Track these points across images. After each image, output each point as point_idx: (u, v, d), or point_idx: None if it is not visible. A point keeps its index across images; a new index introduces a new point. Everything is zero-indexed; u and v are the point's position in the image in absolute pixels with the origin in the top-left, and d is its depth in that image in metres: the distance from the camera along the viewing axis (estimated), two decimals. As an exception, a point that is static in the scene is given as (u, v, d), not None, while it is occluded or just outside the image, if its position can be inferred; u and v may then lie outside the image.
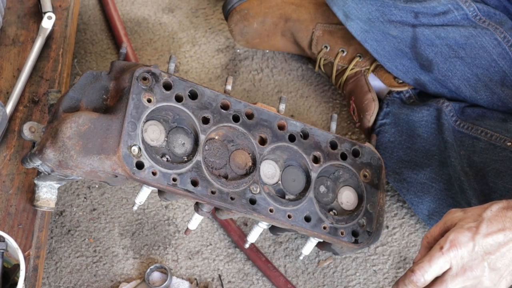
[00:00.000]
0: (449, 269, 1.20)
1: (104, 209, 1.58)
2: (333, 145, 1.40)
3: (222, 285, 1.52)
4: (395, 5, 1.52)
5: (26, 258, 1.34)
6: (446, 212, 1.27)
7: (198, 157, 1.29)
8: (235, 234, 1.55)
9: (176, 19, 1.85)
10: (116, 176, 1.25)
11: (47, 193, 1.35)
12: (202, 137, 1.30)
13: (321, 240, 1.42)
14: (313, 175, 1.37)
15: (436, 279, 1.21)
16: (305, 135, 1.38)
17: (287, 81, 1.76)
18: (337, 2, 1.56)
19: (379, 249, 1.58)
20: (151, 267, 1.51)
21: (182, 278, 1.52)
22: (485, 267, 1.19)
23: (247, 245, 1.43)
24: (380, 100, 1.62)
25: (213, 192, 1.29)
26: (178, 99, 1.29)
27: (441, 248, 1.19)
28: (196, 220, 1.36)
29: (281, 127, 1.36)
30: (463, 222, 1.21)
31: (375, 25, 1.55)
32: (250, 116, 1.34)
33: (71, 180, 1.31)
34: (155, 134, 1.28)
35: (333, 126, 1.43)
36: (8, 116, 1.42)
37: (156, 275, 1.51)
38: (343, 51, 1.65)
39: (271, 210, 1.32)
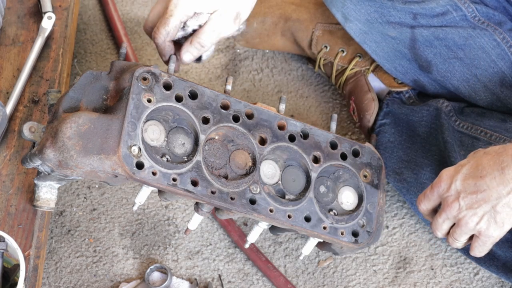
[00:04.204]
0: (440, 203, 1.30)
1: (104, 209, 1.58)
2: (333, 145, 1.40)
3: (222, 285, 1.52)
4: (394, 6, 1.52)
5: (26, 258, 1.34)
6: None
7: (198, 157, 1.29)
8: (235, 234, 1.55)
9: (176, 19, 1.84)
10: (116, 176, 1.25)
11: (47, 193, 1.35)
12: (202, 137, 1.30)
13: (321, 240, 1.42)
14: (313, 175, 1.37)
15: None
16: (305, 135, 1.38)
17: (287, 81, 1.76)
18: (336, 3, 1.56)
19: (379, 249, 1.58)
20: (151, 267, 1.51)
21: (182, 278, 1.52)
22: (460, 205, 1.26)
23: (247, 245, 1.43)
24: (380, 100, 1.62)
25: (213, 192, 1.29)
26: (178, 99, 1.29)
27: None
28: (196, 220, 1.36)
29: (281, 127, 1.36)
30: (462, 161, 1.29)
31: (373, 27, 1.55)
32: (250, 116, 1.34)
33: (71, 180, 1.31)
34: (155, 134, 1.28)
35: (333, 126, 1.43)
36: (8, 116, 1.42)
37: (156, 275, 1.51)
38: (343, 51, 1.66)
39: (271, 210, 1.32)
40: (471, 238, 1.31)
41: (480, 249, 1.30)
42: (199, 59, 1.44)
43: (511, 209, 1.23)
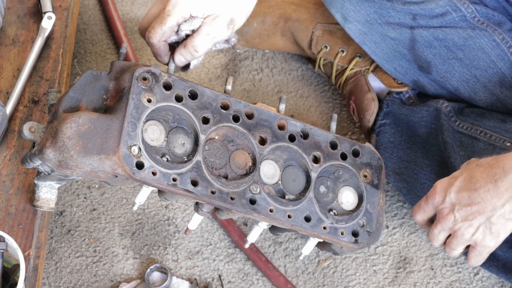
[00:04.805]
0: (435, 215, 1.32)
1: (104, 209, 1.58)
2: (333, 145, 1.40)
3: (222, 285, 1.52)
4: (393, 7, 1.52)
5: (26, 258, 1.34)
6: None
7: (198, 157, 1.29)
8: (235, 234, 1.55)
9: (176, 19, 1.84)
10: (116, 176, 1.25)
11: (47, 193, 1.35)
12: (202, 137, 1.30)
13: (321, 240, 1.42)
14: (313, 175, 1.37)
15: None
16: (305, 135, 1.38)
17: (287, 81, 1.76)
18: (335, 4, 1.56)
19: (379, 249, 1.58)
20: (151, 267, 1.51)
21: (182, 278, 1.52)
22: (455, 217, 1.27)
23: (247, 245, 1.43)
24: (380, 100, 1.62)
25: (213, 192, 1.29)
26: (178, 99, 1.29)
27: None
28: (196, 220, 1.36)
29: (281, 127, 1.36)
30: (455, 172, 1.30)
31: (373, 27, 1.55)
32: (250, 116, 1.34)
33: (71, 180, 1.31)
34: (155, 134, 1.28)
35: (333, 126, 1.43)
36: (8, 116, 1.42)
37: (156, 275, 1.51)
38: (342, 51, 1.66)
39: (271, 210, 1.32)
40: (468, 246, 1.31)
41: (477, 259, 1.31)
42: (186, 67, 1.43)
43: (506, 220, 1.24)
